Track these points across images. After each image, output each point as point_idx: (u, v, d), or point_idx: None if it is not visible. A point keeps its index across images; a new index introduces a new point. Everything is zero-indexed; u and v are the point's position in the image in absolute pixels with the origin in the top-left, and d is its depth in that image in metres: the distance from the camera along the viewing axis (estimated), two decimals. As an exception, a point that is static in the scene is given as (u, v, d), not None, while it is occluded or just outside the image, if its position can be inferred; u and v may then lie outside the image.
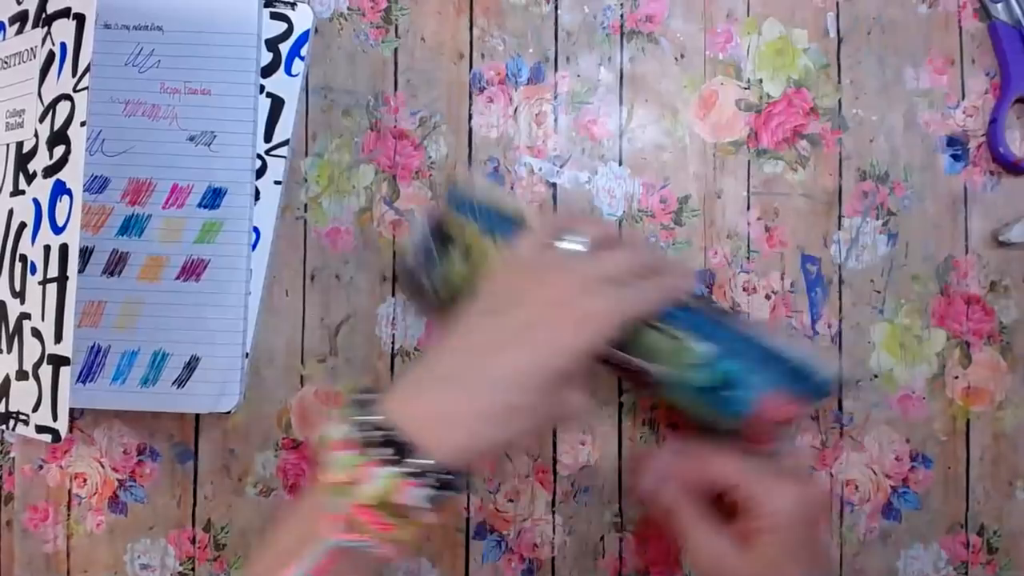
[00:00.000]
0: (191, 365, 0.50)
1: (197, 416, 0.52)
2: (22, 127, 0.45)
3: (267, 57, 0.52)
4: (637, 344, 0.45)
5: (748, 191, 0.53)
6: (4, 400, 0.45)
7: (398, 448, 0.37)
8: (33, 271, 0.43)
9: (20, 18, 0.46)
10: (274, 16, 0.52)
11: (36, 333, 0.43)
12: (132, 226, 0.50)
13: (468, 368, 0.39)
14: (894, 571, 0.53)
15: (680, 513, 0.45)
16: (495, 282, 0.43)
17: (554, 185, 0.54)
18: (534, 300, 0.41)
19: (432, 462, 0.37)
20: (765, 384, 0.45)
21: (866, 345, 0.53)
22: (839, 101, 0.54)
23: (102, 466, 0.53)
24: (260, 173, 0.52)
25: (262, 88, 0.52)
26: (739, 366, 0.45)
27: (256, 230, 0.51)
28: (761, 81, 0.54)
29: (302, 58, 0.52)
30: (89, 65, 0.41)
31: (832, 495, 0.52)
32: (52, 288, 0.42)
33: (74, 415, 0.53)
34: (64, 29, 0.43)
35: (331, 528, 0.36)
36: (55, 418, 0.42)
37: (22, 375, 0.44)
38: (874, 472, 0.53)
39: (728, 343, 0.45)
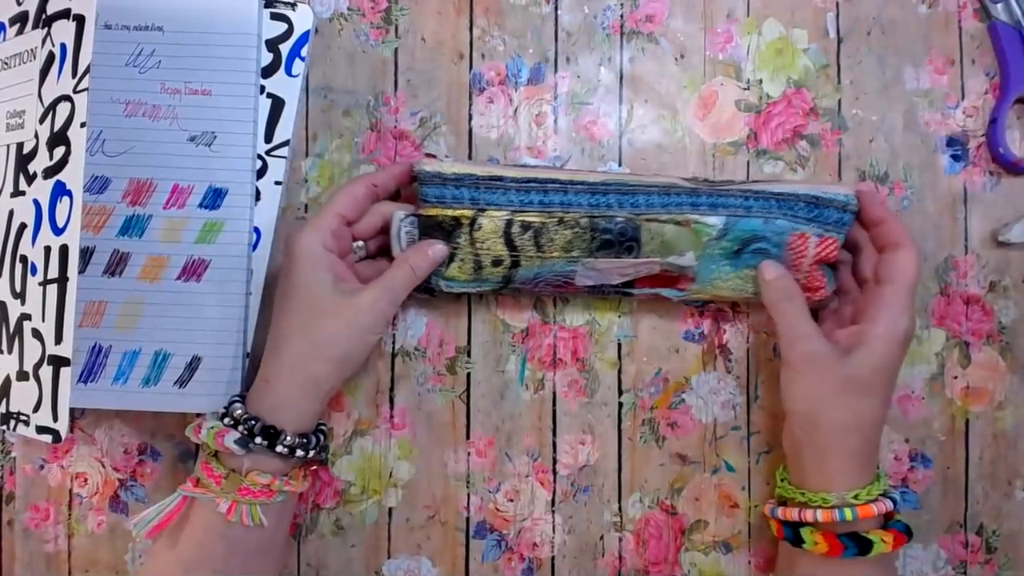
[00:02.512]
0: (193, 365, 0.50)
1: (198, 416, 0.52)
2: (22, 128, 0.45)
3: (267, 57, 0.52)
4: (651, 246, 0.48)
5: (748, 191, 0.53)
6: (5, 401, 0.45)
7: (234, 412, 0.46)
8: (34, 272, 0.43)
9: (20, 19, 0.46)
10: (274, 16, 0.52)
11: (36, 334, 0.43)
12: (133, 226, 0.50)
13: (282, 356, 0.47)
14: (893, 571, 0.53)
15: (788, 304, 0.47)
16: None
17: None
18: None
19: (242, 411, 0.46)
20: (789, 226, 0.48)
21: (866, 345, 0.53)
22: (839, 101, 0.54)
23: (103, 466, 0.53)
24: (260, 173, 0.52)
25: (262, 88, 0.52)
26: (756, 220, 0.48)
27: (256, 230, 0.51)
28: (761, 81, 0.54)
29: (302, 58, 0.52)
30: (89, 66, 0.41)
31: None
32: (52, 289, 0.42)
33: (75, 415, 0.53)
34: (64, 30, 0.43)
35: (185, 484, 0.46)
36: (55, 419, 0.42)
37: (22, 376, 0.44)
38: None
39: (736, 205, 0.48)
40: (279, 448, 0.45)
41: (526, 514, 0.53)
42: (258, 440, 0.45)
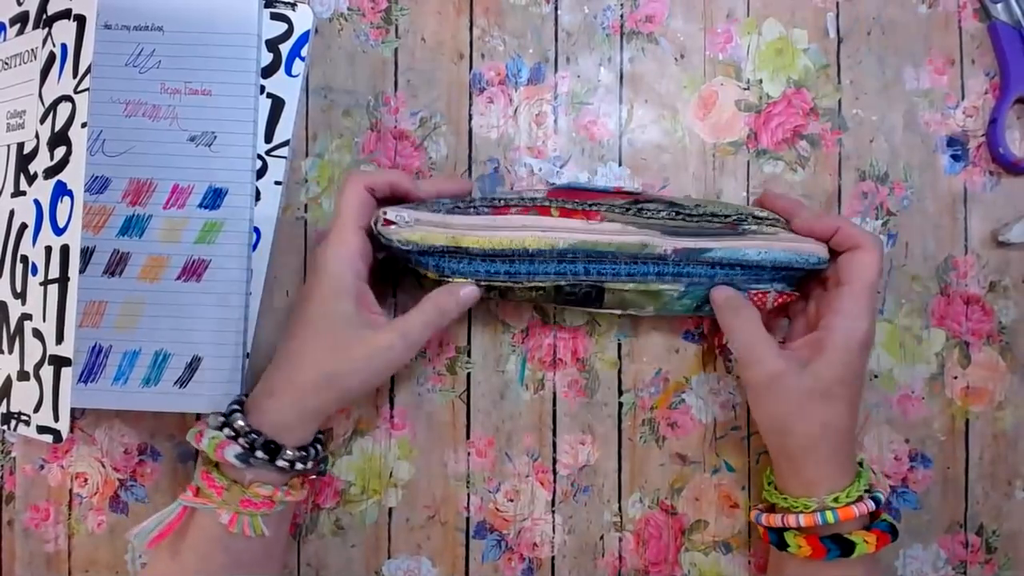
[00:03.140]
0: (192, 365, 0.50)
1: (198, 416, 0.52)
2: (23, 128, 0.45)
3: (267, 57, 0.52)
4: (613, 302, 0.49)
5: (748, 191, 0.53)
6: (5, 400, 0.45)
7: (235, 423, 0.45)
8: (34, 272, 0.43)
9: (21, 19, 0.46)
10: (274, 16, 0.52)
11: (37, 334, 0.43)
12: (133, 226, 0.50)
13: (291, 380, 0.46)
14: (893, 571, 0.53)
15: (741, 325, 0.47)
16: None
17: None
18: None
19: (243, 423, 0.45)
20: (749, 287, 0.49)
21: (866, 345, 0.53)
22: (839, 101, 0.54)
23: (103, 466, 0.53)
24: (260, 173, 0.52)
25: (262, 88, 0.52)
26: (711, 286, 0.49)
27: (256, 230, 0.51)
28: (761, 81, 0.54)
29: (302, 58, 0.52)
30: (90, 66, 0.41)
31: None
32: (53, 289, 0.42)
33: (75, 415, 0.53)
34: (65, 30, 0.43)
35: (185, 493, 0.46)
36: (56, 418, 0.42)
37: (23, 376, 0.44)
38: (873, 472, 0.53)
39: (701, 274, 0.48)
40: (279, 463, 0.45)
41: (526, 514, 0.53)
42: (259, 454, 0.45)
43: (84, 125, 0.41)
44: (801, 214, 0.49)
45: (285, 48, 0.52)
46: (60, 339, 0.41)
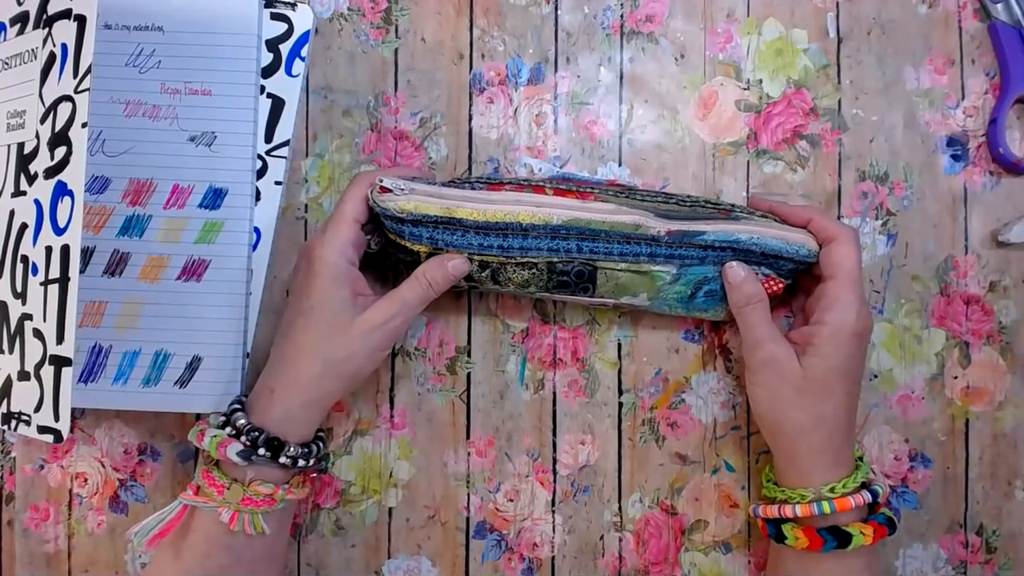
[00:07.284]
0: (193, 365, 0.50)
1: (198, 416, 0.52)
2: (23, 128, 0.45)
3: (267, 57, 0.52)
4: (606, 288, 0.49)
5: (747, 191, 0.53)
6: (6, 400, 0.45)
7: (237, 422, 0.45)
8: (35, 272, 0.43)
9: (21, 19, 0.46)
10: (274, 16, 0.52)
11: (38, 334, 0.43)
12: (133, 226, 0.50)
13: (291, 372, 0.46)
14: (893, 570, 0.53)
15: (753, 310, 0.48)
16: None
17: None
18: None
19: (244, 421, 0.45)
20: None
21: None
22: (839, 101, 0.54)
23: (103, 466, 0.53)
24: (261, 173, 0.52)
25: (262, 88, 0.52)
26: (709, 266, 0.48)
27: (257, 230, 0.51)
28: (761, 81, 0.54)
29: (302, 58, 0.52)
30: (90, 67, 0.41)
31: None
32: (54, 289, 0.42)
33: (75, 415, 0.53)
34: (65, 30, 0.43)
35: (186, 492, 0.46)
36: (57, 418, 0.42)
37: (24, 376, 0.44)
38: (873, 472, 0.53)
39: (692, 256, 0.48)
40: (282, 459, 0.45)
41: (526, 514, 0.53)
42: (261, 452, 0.45)
43: (84, 125, 0.41)
44: (780, 208, 0.50)
45: (285, 48, 0.52)
46: (60, 339, 0.41)
